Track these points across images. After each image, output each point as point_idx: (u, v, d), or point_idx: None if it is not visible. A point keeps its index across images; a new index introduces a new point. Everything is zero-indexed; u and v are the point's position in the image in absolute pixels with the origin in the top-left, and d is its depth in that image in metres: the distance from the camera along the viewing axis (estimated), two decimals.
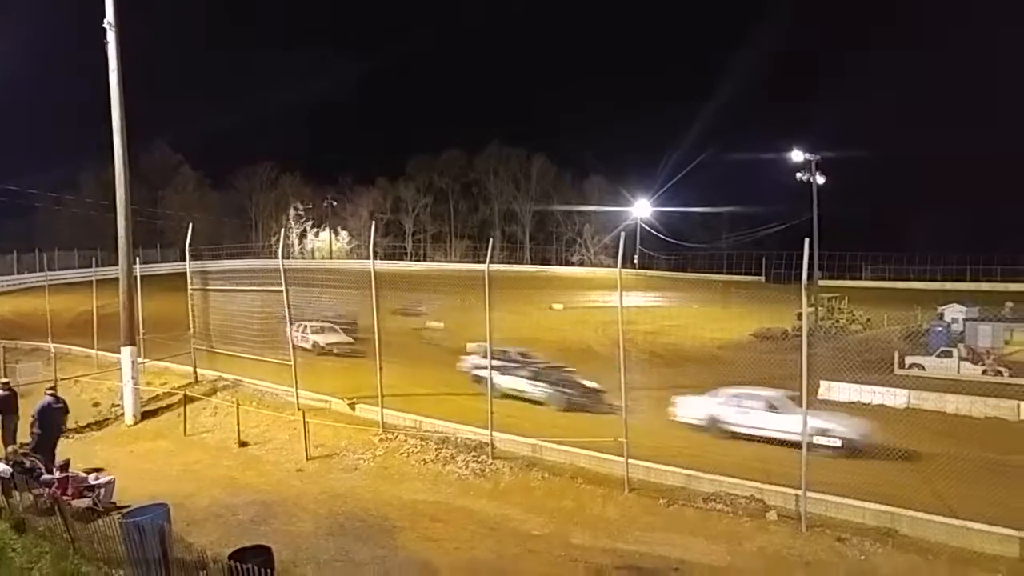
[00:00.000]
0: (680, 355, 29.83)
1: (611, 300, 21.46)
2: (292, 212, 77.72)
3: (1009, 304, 34.67)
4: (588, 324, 30.26)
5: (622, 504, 12.37)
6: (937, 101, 70.66)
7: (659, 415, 17.95)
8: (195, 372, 20.96)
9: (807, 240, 11.80)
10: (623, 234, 15.62)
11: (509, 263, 59.28)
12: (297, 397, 18.12)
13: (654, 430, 17.10)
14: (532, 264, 70.84)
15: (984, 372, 26.05)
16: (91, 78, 19.50)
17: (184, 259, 22.27)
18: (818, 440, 14.59)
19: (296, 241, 76.16)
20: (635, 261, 66.25)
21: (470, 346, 22.60)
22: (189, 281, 21.73)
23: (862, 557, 10.26)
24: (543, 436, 14.88)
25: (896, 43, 80.00)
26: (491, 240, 17.27)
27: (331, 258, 70.43)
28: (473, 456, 14.39)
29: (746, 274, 63.67)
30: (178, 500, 11.43)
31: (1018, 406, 18.78)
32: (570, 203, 75.67)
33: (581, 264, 71.79)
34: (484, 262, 15.04)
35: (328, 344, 25.99)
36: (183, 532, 10.35)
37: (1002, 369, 25.65)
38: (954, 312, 34.69)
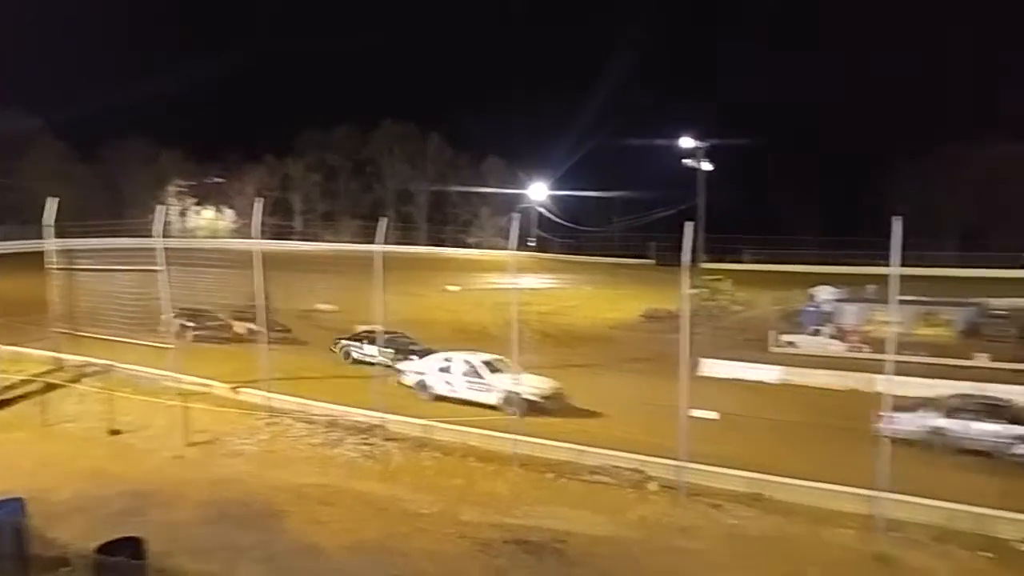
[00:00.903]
0: (573, 335, 30.45)
1: (507, 282, 21.61)
2: (172, 189, 73.42)
3: (871, 287, 37.38)
4: (484, 306, 30.31)
5: (512, 480, 12.61)
6: (810, 94, 75.01)
7: None
8: (58, 357, 19.48)
9: (687, 224, 12.36)
10: (518, 216, 15.70)
11: (403, 244, 58.49)
12: (176, 382, 17.19)
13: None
14: (428, 245, 70.20)
15: (849, 349, 28.10)
16: None
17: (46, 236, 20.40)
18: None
19: (177, 219, 72.08)
20: (530, 243, 67.02)
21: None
22: (51, 260, 20.09)
23: (734, 521, 10.92)
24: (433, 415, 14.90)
25: (775, 38, 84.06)
26: (384, 220, 16.79)
27: (215, 237, 67.23)
28: (363, 438, 14.22)
29: (638, 257, 65.68)
30: (37, 494, 10.56)
31: (873, 379, 20.32)
32: (467, 184, 75.37)
33: (477, 246, 71.76)
34: (377, 243, 14.79)
35: (541, 396, 16.77)
36: (43, 527, 9.65)
37: (862, 346, 27.71)
38: (823, 294, 37.11)
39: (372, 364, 21.08)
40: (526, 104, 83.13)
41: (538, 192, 71.98)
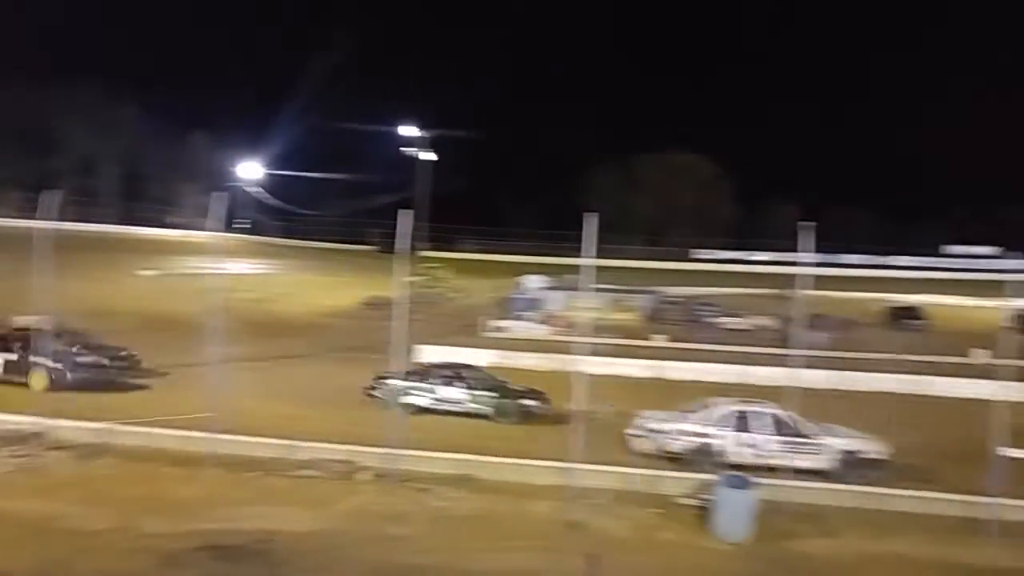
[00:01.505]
0: (287, 324, 29.11)
1: (212, 266, 19.63)
2: None
3: (575, 276, 40.99)
4: (183, 293, 27.54)
5: (209, 483, 11.48)
6: (531, 95, 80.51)
7: (260, 385, 17.16)
8: None
9: (400, 212, 12.30)
10: (225, 195, 14.38)
11: (85, 221, 50.46)
12: None
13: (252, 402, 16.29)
14: (118, 224, 61.36)
15: (553, 332, 30.55)
16: None
17: None
18: None
19: None
20: (242, 226, 62.52)
21: None
22: None
23: (443, 504, 11.07)
24: (112, 418, 13.02)
25: (505, 40, 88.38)
26: (55, 193, 13.97)
27: None
28: (17, 449, 11.92)
29: (361, 243, 64.75)
30: None
31: (571, 359, 22.18)
32: (168, 158, 67.64)
33: (179, 226, 64.44)
34: (47, 218, 12.63)
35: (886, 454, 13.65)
36: None
37: (565, 329, 30.30)
38: (531, 282, 40.00)
39: (455, 414, 16.76)
40: (239, 76, 77.56)
41: (251, 171, 67.29)
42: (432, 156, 50.64)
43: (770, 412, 13.90)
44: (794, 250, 12.53)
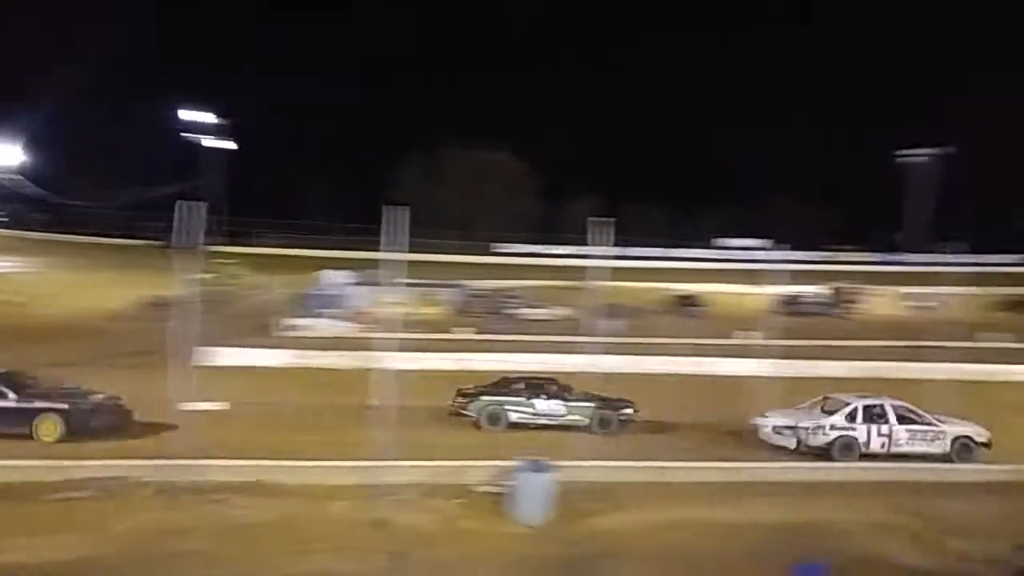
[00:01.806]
0: (52, 329, 25.82)
1: None
2: None
3: (379, 271, 40.27)
4: None
5: None
6: (335, 90, 77.90)
7: None
8: None
9: (179, 203, 11.43)
10: None
11: None
12: None
13: None
14: None
15: (360, 329, 29.82)
16: None
17: None
18: None
19: None
20: None
21: None
22: None
23: (238, 512, 10.44)
24: None
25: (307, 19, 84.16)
26: None
27: None
28: None
29: (145, 238, 58.87)
30: None
31: (376, 356, 21.82)
32: None
33: None
34: None
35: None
36: None
37: (372, 326, 29.71)
38: (332, 277, 38.66)
39: (551, 428, 15.70)
40: None
41: (6, 156, 58.39)
42: (231, 145, 46.93)
43: (891, 404, 15.11)
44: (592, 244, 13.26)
